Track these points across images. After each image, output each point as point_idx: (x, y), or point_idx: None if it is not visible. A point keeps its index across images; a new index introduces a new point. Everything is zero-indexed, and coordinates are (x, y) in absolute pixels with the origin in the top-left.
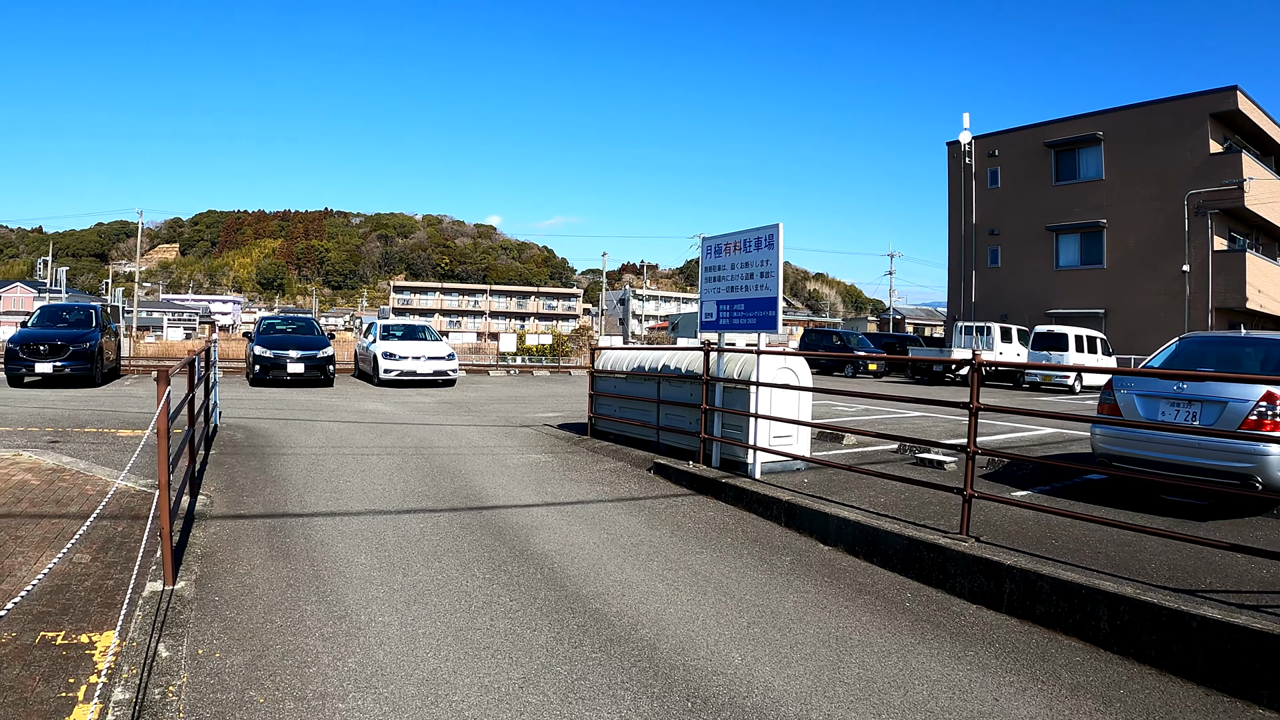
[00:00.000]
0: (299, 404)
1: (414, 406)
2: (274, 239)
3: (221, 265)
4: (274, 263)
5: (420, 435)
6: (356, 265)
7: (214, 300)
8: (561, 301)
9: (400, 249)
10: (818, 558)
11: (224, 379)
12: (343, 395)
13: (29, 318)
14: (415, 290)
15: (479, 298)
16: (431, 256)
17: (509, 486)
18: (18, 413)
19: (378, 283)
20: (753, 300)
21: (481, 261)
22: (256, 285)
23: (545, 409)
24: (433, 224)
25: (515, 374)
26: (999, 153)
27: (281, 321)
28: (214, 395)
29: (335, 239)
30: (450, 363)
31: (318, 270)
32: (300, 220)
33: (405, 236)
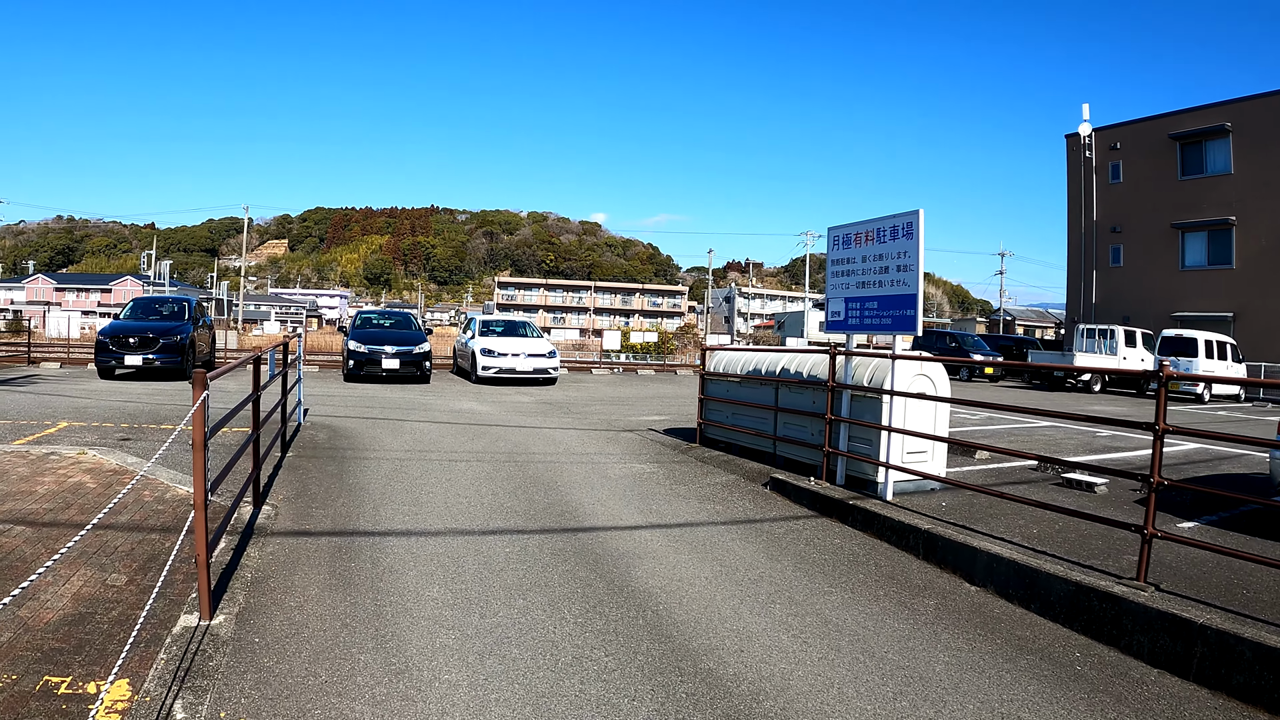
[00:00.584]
0: (391, 402)
1: (511, 406)
2: (381, 235)
3: (329, 261)
4: (381, 258)
5: (515, 439)
6: (462, 261)
7: (321, 295)
8: (666, 299)
9: (505, 245)
10: (965, 602)
11: (319, 374)
12: (438, 393)
13: (122, 310)
14: (520, 286)
15: (583, 294)
16: (536, 253)
17: (609, 502)
18: (99, 406)
19: (483, 279)
20: (888, 297)
21: (586, 258)
22: (363, 280)
23: (650, 411)
24: (538, 221)
25: (619, 372)
26: (1120, 145)
27: (379, 316)
28: (297, 392)
29: (441, 235)
30: (551, 360)
31: (424, 266)
32: (407, 217)
33: (510, 233)
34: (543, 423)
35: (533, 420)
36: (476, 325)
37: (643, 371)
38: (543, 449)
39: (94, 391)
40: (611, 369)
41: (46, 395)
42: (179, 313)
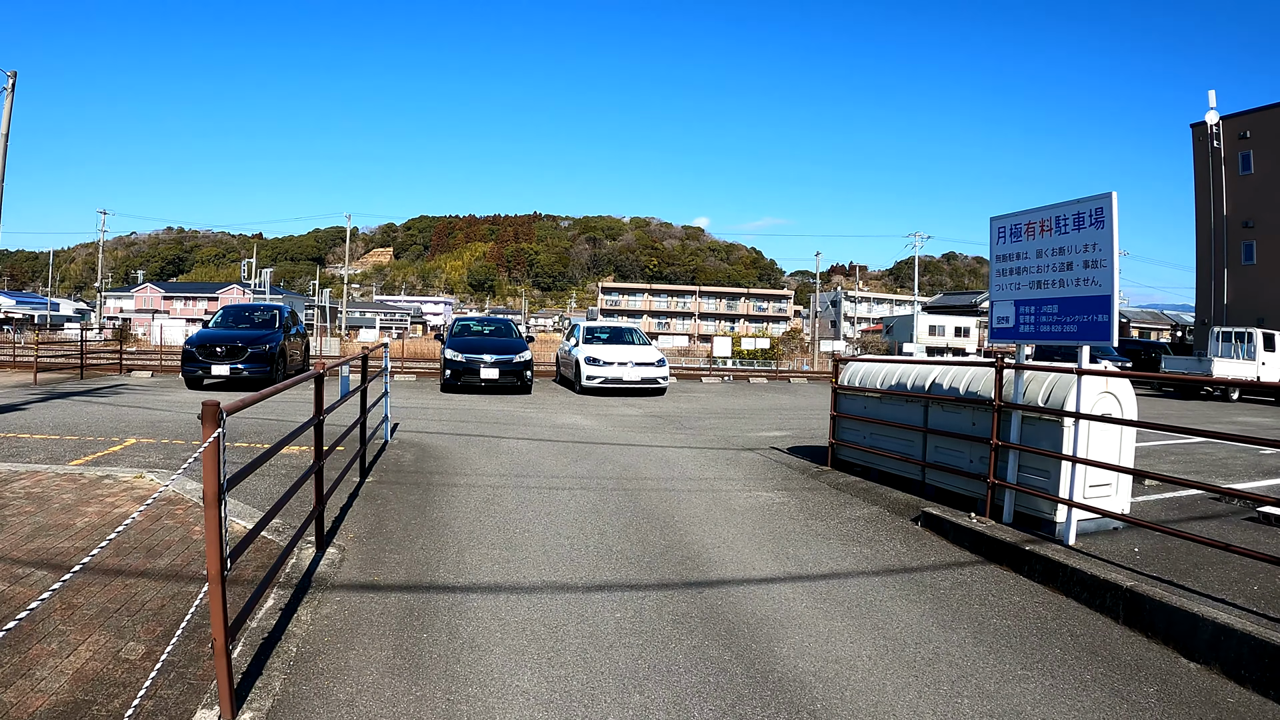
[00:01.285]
0: (488, 416)
1: (618, 421)
2: (484, 242)
3: (433, 268)
4: (485, 265)
5: (624, 461)
6: (565, 267)
7: (425, 301)
8: (772, 303)
9: (608, 251)
10: (1189, 686)
11: (417, 383)
12: (539, 405)
13: (210, 318)
14: (623, 291)
15: (688, 299)
16: (639, 258)
17: (737, 543)
18: (174, 420)
19: (586, 284)
20: (1072, 300)
21: (689, 263)
22: (467, 287)
23: (770, 426)
24: (640, 226)
25: (730, 381)
26: (1251, 134)
27: (477, 323)
28: (383, 408)
29: (544, 242)
30: (660, 369)
31: (527, 272)
32: (510, 224)
33: (613, 239)
34: (653, 440)
35: (642, 437)
36: (580, 332)
37: (755, 380)
38: (655, 473)
39: (175, 403)
40: (721, 377)
41: (125, 408)
42: (269, 321)
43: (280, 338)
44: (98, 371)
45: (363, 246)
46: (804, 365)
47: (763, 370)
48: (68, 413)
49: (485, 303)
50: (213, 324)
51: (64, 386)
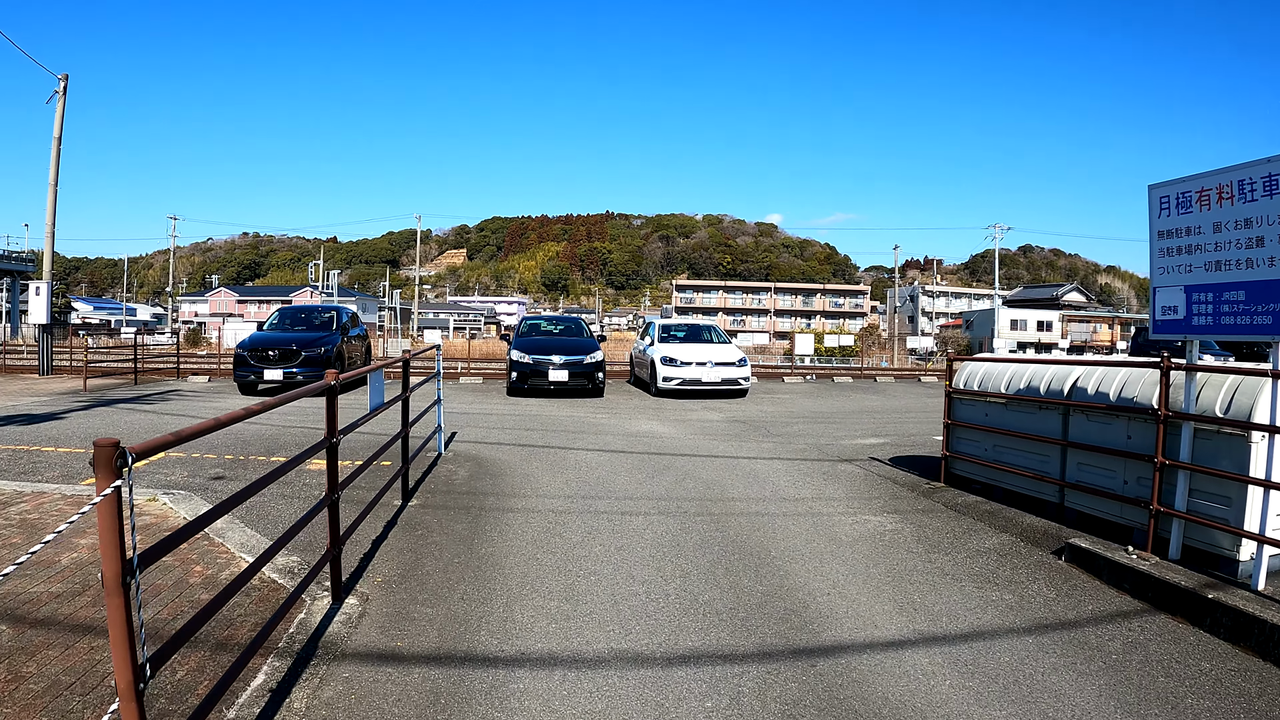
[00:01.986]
0: (555, 422)
1: (698, 427)
2: (557, 242)
3: (507, 269)
4: (558, 265)
5: (707, 476)
6: (639, 266)
7: (499, 301)
8: (848, 299)
9: (681, 249)
10: None
11: (483, 386)
12: (612, 409)
13: (265, 321)
14: (698, 289)
15: (763, 296)
16: (713, 256)
17: (849, 587)
18: (219, 432)
19: (660, 282)
20: (1265, 284)
21: (763, 260)
22: (541, 287)
23: (864, 432)
24: (713, 223)
25: (813, 380)
26: None
27: (546, 322)
28: (436, 416)
29: (617, 240)
30: (741, 369)
31: (600, 271)
32: (583, 223)
33: (686, 236)
34: (738, 450)
35: (726, 446)
36: (656, 331)
37: (839, 379)
38: (743, 491)
39: (221, 411)
40: (804, 376)
41: (168, 416)
42: (326, 323)
43: (337, 340)
44: (154, 376)
45: (436, 248)
46: (882, 362)
47: (846, 368)
48: (106, 422)
49: (559, 302)
50: (267, 327)
51: (114, 393)
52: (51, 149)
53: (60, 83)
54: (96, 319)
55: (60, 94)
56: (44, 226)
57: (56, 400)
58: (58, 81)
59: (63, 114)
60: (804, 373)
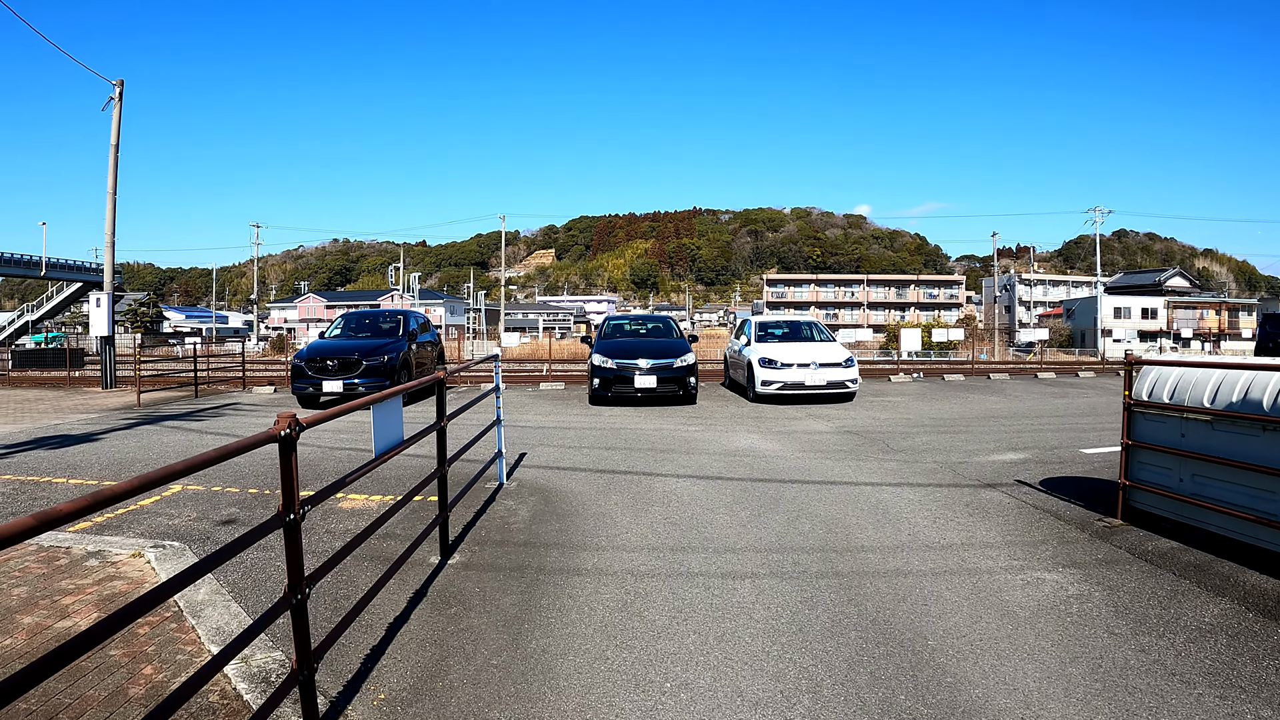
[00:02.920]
0: (641, 438)
1: (805, 441)
2: (645, 240)
3: (595, 267)
4: (647, 262)
5: (825, 512)
6: (728, 261)
7: (588, 300)
8: (942, 290)
9: (770, 243)
10: None
11: (564, 392)
12: (705, 419)
13: (328, 327)
14: (789, 283)
15: (855, 288)
16: (802, 249)
17: (1048, 703)
18: (248, 457)
19: (749, 278)
20: None
21: (852, 252)
22: (630, 285)
23: (996, 443)
24: (801, 217)
25: (920, 379)
26: None
27: (631, 322)
28: (497, 439)
29: (705, 237)
30: (849, 370)
31: (690, 268)
32: (670, 220)
33: (774, 231)
34: (858, 473)
35: (842, 468)
36: (752, 329)
37: (950, 377)
38: (875, 536)
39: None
40: (911, 374)
41: (211, 435)
42: (393, 328)
43: (403, 347)
44: (219, 388)
45: (525, 249)
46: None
47: (954, 364)
48: (141, 444)
49: (648, 300)
50: (329, 334)
51: (169, 408)
52: (109, 157)
53: (115, 89)
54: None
55: (116, 100)
56: (104, 236)
57: (104, 418)
58: (112, 88)
59: (119, 121)
60: (909, 369)
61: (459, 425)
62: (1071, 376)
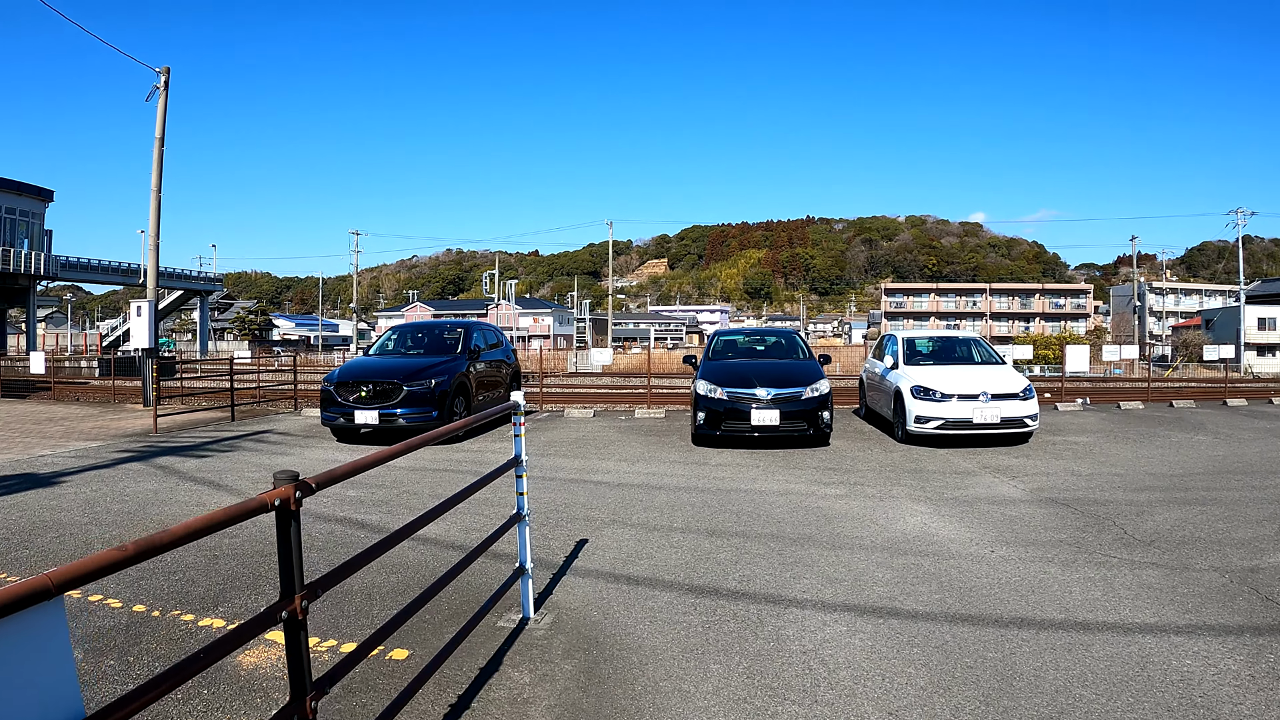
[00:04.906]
0: (761, 510)
1: (996, 519)
2: (758, 249)
3: (708, 277)
4: (760, 272)
5: (1083, 703)
6: (842, 271)
7: (701, 310)
8: (1068, 299)
9: (885, 252)
10: None
11: (664, 422)
12: (846, 473)
13: (375, 340)
14: (907, 292)
15: (977, 298)
16: (917, 258)
17: None
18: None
19: (864, 287)
20: None
21: (969, 261)
22: (743, 294)
23: (1276, 524)
24: (916, 225)
25: (1089, 404)
26: None
27: (746, 337)
28: (520, 545)
29: (819, 245)
30: (1028, 404)
31: (803, 277)
32: (783, 229)
33: (889, 239)
34: (1110, 597)
35: (1080, 584)
36: (900, 347)
37: (1126, 405)
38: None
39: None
40: (1079, 400)
41: (193, 485)
42: (450, 344)
43: (460, 367)
44: (269, 408)
45: (637, 259)
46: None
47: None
48: (98, 494)
49: (762, 310)
50: (374, 350)
51: (186, 435)
52: (153, 151)
53: (161, 77)
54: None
55: (161, 89)
56: (149, 238)
57: (102, 449)
58: (158, 76)
59: (165, 112)
60: (1072, 392)
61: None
62: (1264, 403)
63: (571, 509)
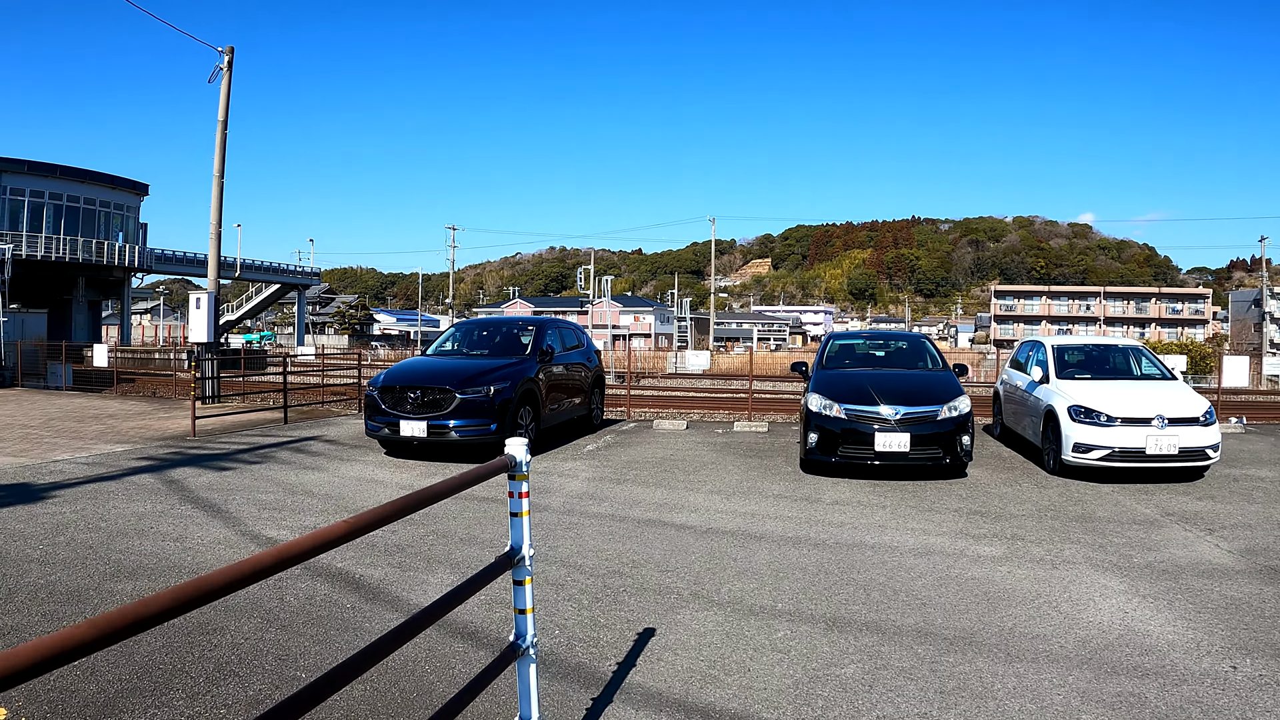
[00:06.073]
0: (893, 583)
1: (1214, 601)
2: (862, 250)
3: (812, 277)
4: (864, 273)
5: None
6: (948, 272)
7: (804, 311)
8: (1186, 304)
9: (992, 253)
10: None
11: (766, 436)
12: (997, 520)
13: (433, 342)
14: (1018, 295)
15: (1090, 301)
16: (1025, 260)
17: None
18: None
19: (970, 289)
20: None
21: (1078, 263)
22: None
23: None
24: (1023, 225)
25: (1244, 425)
26: None
27: (865, 342)
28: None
29: (924, 246)
30: (1208, 431)
31: (908, 279)
32: (888, 230)
33: (996, 240)
34: None
35: None
36: (1049, 357)
37: None
38: None
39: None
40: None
41: (196, 514)
42: (520, 344)
43: (528, 371)
44: (331, 409)
45: (741, 258)
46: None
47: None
48: (59, 522)
49: (866, 311)
50: (432, 350)
51: (223, 441)
52: (216, 135)
53: (224, 57)
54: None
55: (225, 70)
56: (210, 226)
57: (125, 455)
58: (220, 56)
59: (228, 93)
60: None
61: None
62: None
63: (640, 570)
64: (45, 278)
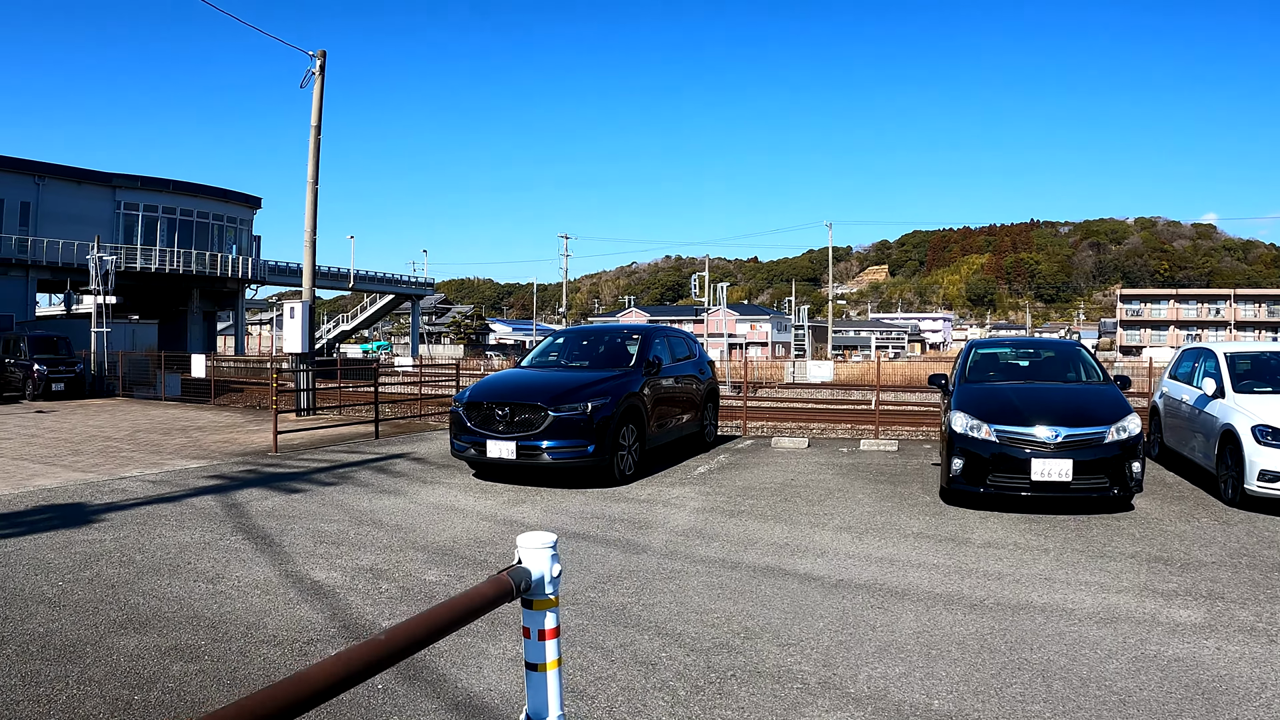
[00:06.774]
0: (1075, 660)
1: None
2: (980, 254)
3: (930, 283)
4: (983, 278)
5: None
6: (1068, 276)
7: (923, 319)
8: None
9: (1113, 256)
10: None
11: (897, 460)
12: (1184, 573)
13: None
14: (1145, 299)
15: (1220, 305)
16: (1148, 263)
17: None
18: None
19: (1092, 294)
20: None
21: (1203, 265)
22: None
23: None
24: (1145, 227)
25: None
26: None
27: (1012, 350)
28: None
29: (1044, 250)
30: None
31: (1028, 284)
32: (1006, 233)
33: (1118, 243)
34: None
35: None
36: (1221, 367)
37: None
38: None
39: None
40: None
41: (246, 546)
42: (625, 355)
43: (634, 385)
44: (424, 424)
45: (857, 265)
46: None
47: None
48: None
49: (986, 318)
50: (528, 361)
51: (304, 459)
52: (309, 140)
53: (316, 61)
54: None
55: (317, 74)
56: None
57: (196, 473)
58: (312, 60)
59: (321, 98)
60: None
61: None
62: None
63: (755, 643)
64: (159, 289)
